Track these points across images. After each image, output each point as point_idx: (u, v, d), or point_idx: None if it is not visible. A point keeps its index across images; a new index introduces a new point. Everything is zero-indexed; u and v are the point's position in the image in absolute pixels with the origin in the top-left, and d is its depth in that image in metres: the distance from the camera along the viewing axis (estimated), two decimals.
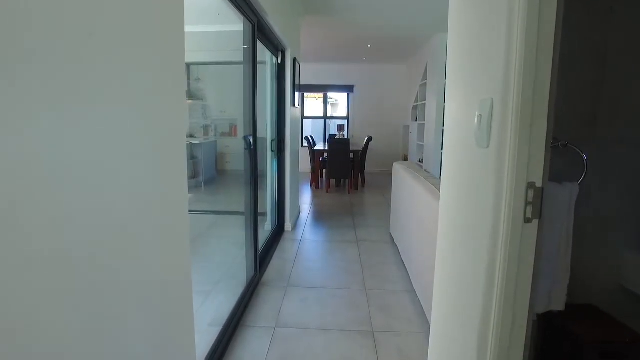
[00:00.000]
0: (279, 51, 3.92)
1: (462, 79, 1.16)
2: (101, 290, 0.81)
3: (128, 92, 0.89)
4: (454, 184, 1.21)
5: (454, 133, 1.21)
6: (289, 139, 4.12)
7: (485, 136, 0.92)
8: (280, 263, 3.33)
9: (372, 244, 3.82)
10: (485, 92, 0.95)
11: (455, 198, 1.18)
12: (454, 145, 1.21)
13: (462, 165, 1.12)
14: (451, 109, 1.24)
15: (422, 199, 2.49)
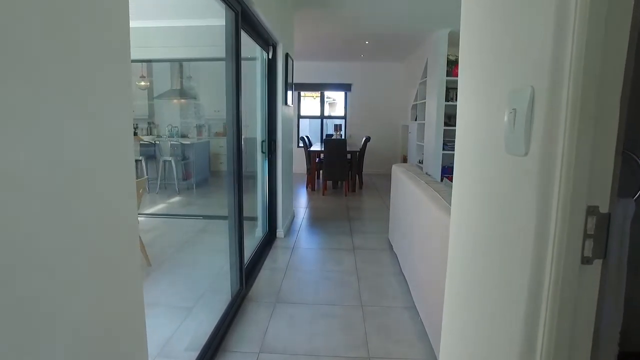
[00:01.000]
0: (269, 46, 3.66)
1: (481, 66, 0.90)
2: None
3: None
4: (470, 199, 0.95)
5: (470, 134, 0.95)
6: (281, 140, 3.86)
7: (521, 139, 0.66)
8: (270, 274, 3.07)
9: (370, 252, 3.56)
10: (519, 79, 0.69)
11: (475, 216, 0.92)
12: (470, 149, 0.95)
13: (482, 175, 0.87)
14: (466, 104, 0.99)
15: (426, 208, 2.23)
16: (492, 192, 0.80)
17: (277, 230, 3.99)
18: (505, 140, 0.73)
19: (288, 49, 4.06)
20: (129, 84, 1.03)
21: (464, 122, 1.01)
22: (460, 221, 1.04)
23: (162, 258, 3.48)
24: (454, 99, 5.76)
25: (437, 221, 2.00)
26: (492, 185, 0.80)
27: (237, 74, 2.41)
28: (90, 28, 0.81)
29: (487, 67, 0.86)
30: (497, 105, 0.78)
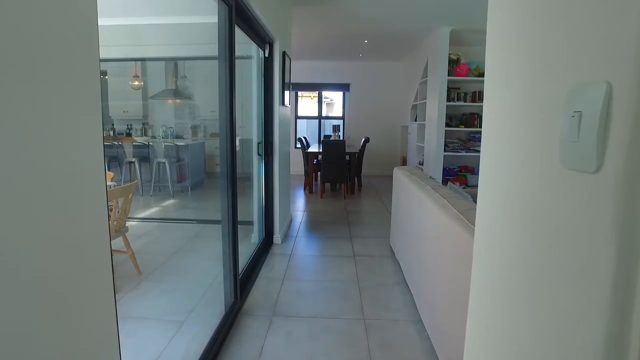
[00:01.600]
0: (265, 43, 3.49)
1: (521, 53, 0.74)
2: None
3: None
4: (505, 218, 0.79)
5: (503, 140, 0.79)
6: (278, 141, 3.70)
7: (590, 152, 0.51)
8: (267, 284, 2.91)
9: (371, 259, 3.41)
10: (586, 72, 0.54)
11: (512, 240, 0.77)
12: (504, 159, 0.79)
13: (524, 192, 0.71)
14: (497, 102, 0.83)
15: (433, 216, 2.08)
16: (539, 216, 0.65)
17: (274, 235, 3.83)
18: (562, 152, 0.57)
19: (285, 47, 3.90)
20: (96, 82, 0.87)
21: (493, 124, 0.85)
22: (489, 241, 0.88)
23: (153, 266, 3.32)
24: (455, 99, 5.62)
25: (446, 231, 1.85)
26: (539, 207, 0.65)
27: (231, 71, 2.25)
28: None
29: (530, 54, 0.70)
30: (547, 106, 0.62)
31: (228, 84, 2.23)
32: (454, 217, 1.77)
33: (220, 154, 2.31)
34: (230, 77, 2.24)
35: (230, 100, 2.26)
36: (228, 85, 2.24)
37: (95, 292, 0.88)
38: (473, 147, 5.67)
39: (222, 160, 2.32)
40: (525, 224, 0.70)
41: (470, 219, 1.66)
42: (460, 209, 1.84)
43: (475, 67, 5.61)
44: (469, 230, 1.58)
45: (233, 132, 2.29)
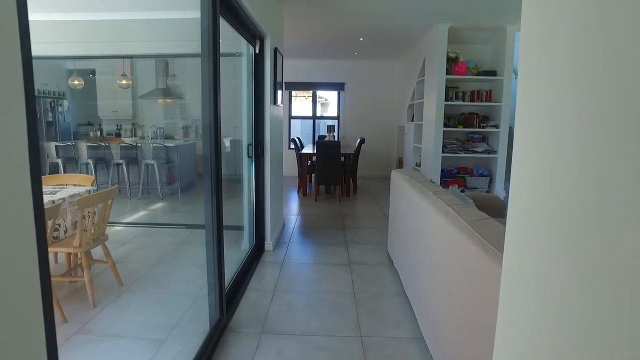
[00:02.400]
0: (256, 39, 3.30)
1: (576, 52, 0.55)
2: None
3: None
4: (559, 248, 0.60)
5: (559, 148, 0.61)
6: (269, 142, 3.51)
7: None
8: (256, 297, 2.71)
9: (368, 268, 3.22)
10: None
11: (569, 276, 0.58)
12: (557, 171, 0.61)
13: (589, 219, 0.52)
14: (545, 94, 0.64)
15: (438, 228, 1.89)
16: (621, 255, 0.46)
17: (265, 242, 3.64)
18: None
19: (277, 43, 3.70)
20: (14, 74, 0.68)
21: (531, 128, 0.66)
22: (532, 273, 0.69)
23: (137, 275, 3.11)
24: (454, 99, 5.45)
25: (453, 243, 1.66)
26: (620, 244, 0.46)
27: (215, 69, 2.05)
28: None
29: (589, 49, 0.52)
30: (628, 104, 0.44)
31: (212, 82, 2.03)
32: (462, 229, 1.58)
33: (204, 156, 2.11)
34: (215, 74, 2.05)
35: (215, 99, 2.06)
36: (212, 84, 2.04)
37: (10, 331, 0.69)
38: (472, 148, 5.51)
39: (205, 163, 2.12)
40: (591, 264, 0.51)
41: (481, 231, 1.48)
42: (468, 219, 1.66)
43: (474, 65, 5.45)
44: (479, 244, 1.40)
45: (218, 132, 2.09)
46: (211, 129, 2.06)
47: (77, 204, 2.41)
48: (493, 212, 3.44)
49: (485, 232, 1.47)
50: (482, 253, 1.35)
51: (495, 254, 1.28)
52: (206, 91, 2.04)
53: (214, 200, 2.11)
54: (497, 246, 1.32)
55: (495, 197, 3.52)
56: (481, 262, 1.34)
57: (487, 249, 1.33)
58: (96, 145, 6.26)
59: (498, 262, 1.24)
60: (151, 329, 2.36)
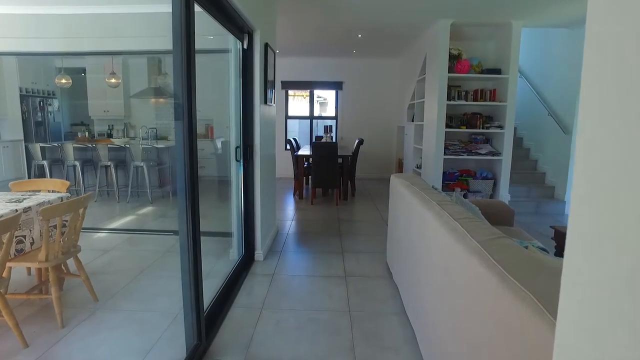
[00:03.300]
0: (244, 33, 3.05)
1: None
2: None
3: None
4: None
5: None
6: (259, 145, 3.26)
7: None
8: (242, 315, 2.46)
9: (364, 281, 2.98)
10: None
11: None
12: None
13: None
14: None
15: (444, 246, 1.65)
16: None
17: (256, 252, 3.39)
18: None
19: (268, 39, 3.46)
20: None
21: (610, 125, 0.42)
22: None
23: (114, 289, 2.86)
24: (456, 98, 5.21)
25: (461, 266, 1.42)
26: None
27: (189, 64, 1.81)
28: None
29: None
30: None
31: (185, 80, 1.79)
32: (474, 251, 1.34)
33: (177, 156, 1.87)
34: (189, 72, 1.81)
35: (189, 98, 1.82)
36: (186, 82, 1.80)
37: None
38: (475, 149, 5.26)
39: (180, 170, 1.88)
40: None
41: (498, 255, 1.24)
42: (480, 238, 1.42)
43: (478, 63, 5.20)
44: (496, 273, 1.15)
45: (192, 136, 1.85)
46: (184, 129, 1.82)
47: (42, 214, 2.17)
48: (499, 219, 3.20)
49: (502, 256, 1.23)
50: (500, 285, 1.10)
51: (516, 288, 1.04)
52: (179, 89, 1.80)
53: (189, 212, 1.86)
54: (519, 276, 1.08)
55: (500, 203, 3.28)
56: (499, 296, 1.10)
57: (506, 280, 1.09)
58: (83, 146, 6.01)
59: (520, 299, 1.00)
60: (123, 353, 2.12)
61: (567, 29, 5.18)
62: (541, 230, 4.40)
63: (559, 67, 5.45)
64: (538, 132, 5.93)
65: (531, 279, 1.06)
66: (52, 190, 3.04)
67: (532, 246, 1.69)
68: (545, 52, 5.83)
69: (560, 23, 5.01)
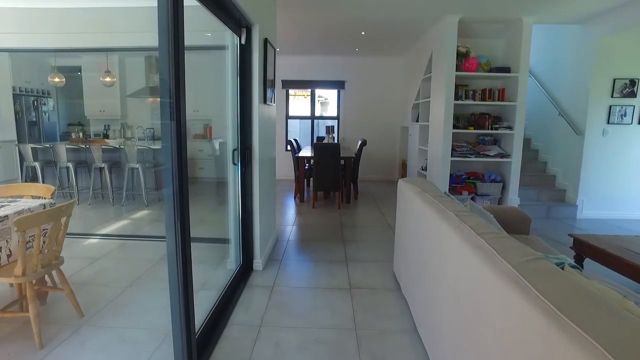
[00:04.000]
0: (241, 27, 2.85)
1: None
2: None
3: None
4: None
5: None
6: (258, 147, 3.06)
7: None
8: (238, 334, 2.26)
9: (371, 294, 2.77)
10: None
11: None
12: None
13: None
14: None
15: (468, 267, 1.43)
16: None
17: (254, 261, 3.19)
18: None
19: (267, 34, 3.25)
20: None
21: None
22: None
23: (102, 302, 2.66)
24: (464, 97, 5.00)
25: (498, 297, 1.21)
26: None
27: (177, 57, 1.61)
28: None
29: None
30: None
31: (173, 78, 1.59)
32: (508, 278, 1.13)
33: (165, 159, 1.67)
34: (177, 68, 1.60)
35: (177, 97, 1.62)
36: (174, 80, 1.59)
37: None
38: (483, 151, 5.05)
39: (168, 176, 1.68)
40: None
41: (542, 285, 1.03)
42: (513, 259, 1.21)
43: (486, 61, 4.99)
44: (545, 312, 0.94)
45: (180, 138, 1.65)
46: (173, 130, 1.62)
47: (16, 225, 1.96)
48: (515, 227, 2.99)
49: (547, 287, 1.02)
50: (551, 328, 0.89)
51: (578, 337, 0.82)
52: (166, 88, 1.59)
53: (178, 224, 1.66)
54: (577, 318, 0.87)
55: (516, 210, 3.08)
56: (552, 342, 0.88)
57: (561, 323, 0.88)
58: (76, 147, 5.80)
59: (584, 349, 0.79)
60: None
61: (579, 25, 4.96)
62: (556, 237, 4.19)
63: (570, 66, 5.23)
64: (547, 133, 5.72)
65: (594, 323, 0.85)
66: (36, 196, 2.83)
67: (567, 265, 1.48)
68: (555, 49, 5.62)
69: (574, 19, 4.80)
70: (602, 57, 4.71)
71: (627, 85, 4.79)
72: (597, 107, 4.85)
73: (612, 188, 5.02)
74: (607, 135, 4.91)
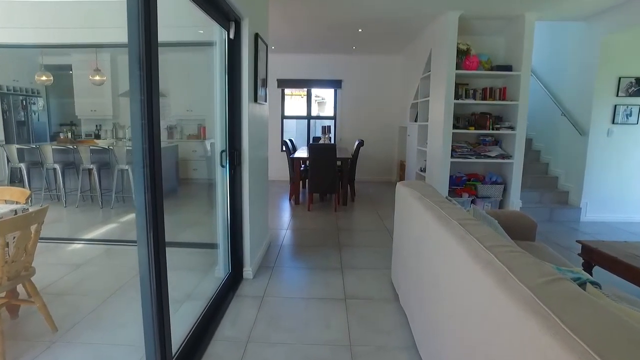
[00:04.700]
0: (229, 21, 2.67)
1: None
2: None
3: None
4: None
5: None
6: (248, 148, 2.88)
7: None
8: (224, 351, 2.08)
9: (367, 305, 2.60)
10: None
11: None
12: None
13: None
14: None
15: (479, 290, 1.26)
16: None
17: (244, 268, 3.01)
18: None
19: (258, 28, 3.08)
20: None
21: None
22: None
23: (79, 315, 2.48)
24: (464, 97, 4.84)
25: (513, 324, 1.04)
26: None
27: (149, 52, 1.43)
28: None
29: None
30: None
31: (145, 76, 1.42)
32: (526, 304, 0.96)
33: (135, 173, 1.49)
34: (149, 64, 1.43)
35: (149, 95, 1.44)
36: (145, 78, 1.42)
37: None
38: (484, 152, 4.89)
39: (137, 182, 1.51)
40: None
41: (565, 313, 0.86)
42: (529, 280, 1.04)
43: (487, 59, 4.83)
44: (568, 345, 0.77)
45: (153, 138, 1.48)
46: (144, 132, 1.45)
47: None
48: (520, 233, 2.82)
49: (575, 318, 0.85)
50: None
51: None
52: (136, 86, 1.42)
53: (150, 234, 1.48)
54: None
55: (520, 215, 2.91)
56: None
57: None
58: (64, 148, 5.61)
59: None
60: None
61: (584, 22, 4.81)
62: (561, 242, 4.03)
63: (573, 64, 5.08)
64: (549, 133, 5.56)
65: None
66: (10, 200, 2.65)
67: (589, 284, 1.32)
68: (557, 47, 5.47)
69: (578, 15, 4.64)
70: (607, 55, 4.55)
71: (632, 84, 4.63)
72: (601, 107, 4.70)
73: (617, 190, 4.86)
74: (612, 135, 4.76)
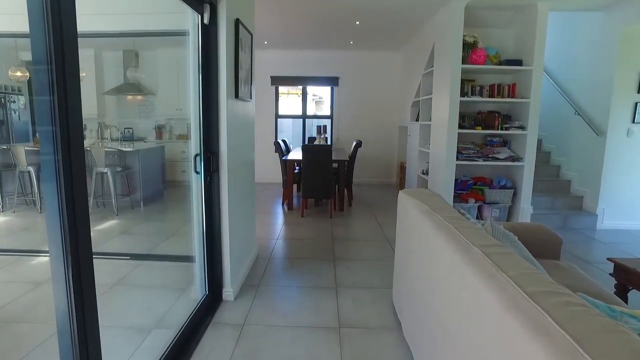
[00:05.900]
0: (203, 3, 2.28)
1: None
2: None
3: None
4: None
5: None
6: (227, 152, 2.49)
7: None
8: None
9: (365, 335, 2.22)
10: None
11: None
12: None
13: None
14: None
15: (508, 335, 0.88)
16: None
17: (224, 289, 2.62)
18: None
19: (240, 13, 2.69)
20: None
21: None
22: None
23: (23, 350, 2.09)
24: (470, 94, 4.46)
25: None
26: None
27: (61, 32, 1.05)
28: None
29: None
30: None
31: (54, 66, 1.04)
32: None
33: (44, 176, 1.11)
34: (61, 50, 1.05)
35: (63, 93, 1.06)
36: (54, 69, 1.04)
37: None
38: (492, 153, 4.51)
39: (50, 198, 1.12)
40: None
41: None
42: (578, 335, 0.66)
43: (495, 53, 4.45)
44: None
45: (70, 149, 1.10)
46: (55, 140, 1.06)
47: None
48: (543, 250, 2.43)
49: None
50: None
51: None
52: (43, 82, 1.04)
53: (68, 240, 1.10)
54: None
55: (543, 229, 2.53)
56: None
57: None
58: (37, 149, 5.21)
59: None
60: None
61: (602, 12, 4.43)
62: (582, 255, 3.65)
63: (589, 58, 4.70)
64: (561, 133, 5.19)
65: None
66: None
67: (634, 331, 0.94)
68: (571, 40, 5.09)
69: (596, 4, 4.26)
70: (627, 48, 4.17)
71: None
72: (620, 105, 4.32)
73: (638, 195, 4.49)
74: (633, 135, 4.38)
